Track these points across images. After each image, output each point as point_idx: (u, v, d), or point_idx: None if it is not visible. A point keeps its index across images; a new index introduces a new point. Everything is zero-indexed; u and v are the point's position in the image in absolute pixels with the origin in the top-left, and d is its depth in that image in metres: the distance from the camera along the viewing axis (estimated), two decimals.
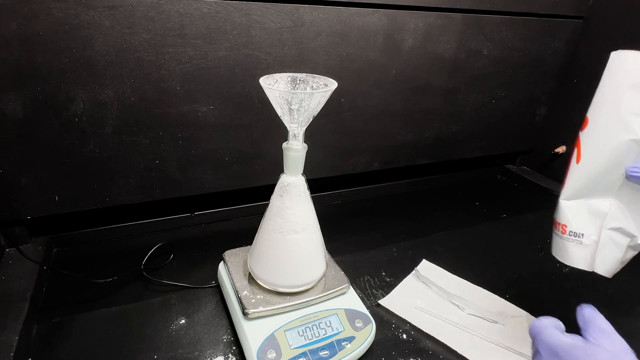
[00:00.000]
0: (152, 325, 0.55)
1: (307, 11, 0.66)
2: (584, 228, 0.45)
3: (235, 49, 0.64)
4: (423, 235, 0.80)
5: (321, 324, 0.52)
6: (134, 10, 0.56)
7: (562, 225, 0.46)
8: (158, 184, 0.69)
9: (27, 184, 0.60)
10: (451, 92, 0.87)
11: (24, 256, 0.59)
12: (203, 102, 0.66)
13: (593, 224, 0.45)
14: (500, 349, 0.54)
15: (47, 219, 0.65)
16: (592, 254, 0.45)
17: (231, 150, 0.72)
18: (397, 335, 0.56)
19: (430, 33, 0.78)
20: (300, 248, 0.52)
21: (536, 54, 0.92)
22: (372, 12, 0.71)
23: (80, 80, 0.57)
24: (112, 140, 0.63)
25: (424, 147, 0.91)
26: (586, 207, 0.45)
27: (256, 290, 0.54)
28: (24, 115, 0.56)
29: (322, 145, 0.79)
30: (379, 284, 0.66)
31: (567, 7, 0.89)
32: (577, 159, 0.44)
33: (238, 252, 0.60)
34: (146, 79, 0.61)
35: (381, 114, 0.82)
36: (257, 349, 0.47)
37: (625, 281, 0.69)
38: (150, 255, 0.66)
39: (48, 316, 0.56)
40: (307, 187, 0.52)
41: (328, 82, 0.47)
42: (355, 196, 0.93)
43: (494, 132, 0.98)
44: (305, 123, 0.47)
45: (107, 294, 0.60)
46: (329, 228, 0.57)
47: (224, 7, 0.61)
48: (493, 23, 0.83)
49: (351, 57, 0.73)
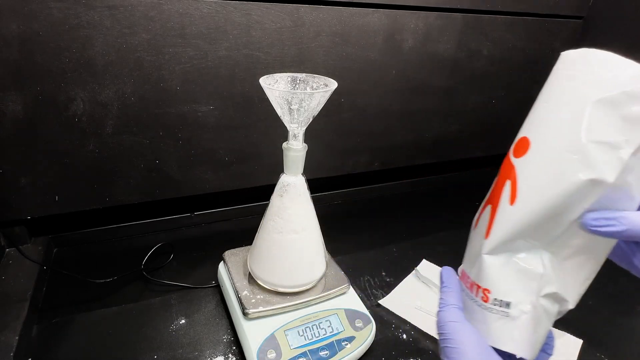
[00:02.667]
0: (152, 325, 0.55)
1: (307, 11, 0.66)
2: (511, 294, 0.31)
3: (235, 49, 0.64)
4: (423, 235, 0.80)
5: (321, 324, 0.52)
6: (134, 10, 0.56)
7: (484, 290, 0.32)
8: (158, 184, 0.69)
9: (27, 184, 0.60)
10: (451, 92, 0.87)
11: (24, 256, 0.59)
12: (203, 102, 0.66)
13: (522, 288, 0.31)
14: None
15: (47, 219, 0.65)
16: (523, 331, 0.31)
17: (231, 150, 0.72)
18: (397, 335, 0.56)
19: (430, 33, 0.78)
20: (300, 248, 0.52)
21: (536, 54, 0.92)
22: (372, 12, 0.71)
23: (80, 80, 0.57)
24: (112, 140, 0.63)
25: (424, 147, 0.91)
26: (513, 265, 0.31)
27: (256, 290, 0.54)
28: (24, 115, 0.56)
29: (322, 145, 0.79)
30: (379, 284, 0.66)
31: (567, 7, 0.89)
32: (511, 198, 0.30)
33: (238, 252, 0.60)
34: (146, 79, 0.61)
35: (381, 114, 0.82)
36: (257, 349, 0.47)
37: (625, 281, 0.69)
38: (150, 255, 0.66)
39: (48, 316, 0.56)
40: (307, 187, 0.52)
41: (328, 82, 0.47)
42: (355, 196, 0.93)
43: (494, 132, 0.98)
44: (305, 123, 0.47)
45: (107, 294, 0.60)
46: (329, 228, 0.57)
47: (224, 7, 0.61)
48: (493, 23, 0.83)
49: (351, 57, 0.73)
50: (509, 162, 0.32)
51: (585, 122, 0.28)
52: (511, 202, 0.31)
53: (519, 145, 0.31)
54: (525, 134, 0.31)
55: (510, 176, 0.31)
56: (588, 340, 0.56)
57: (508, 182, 0.31)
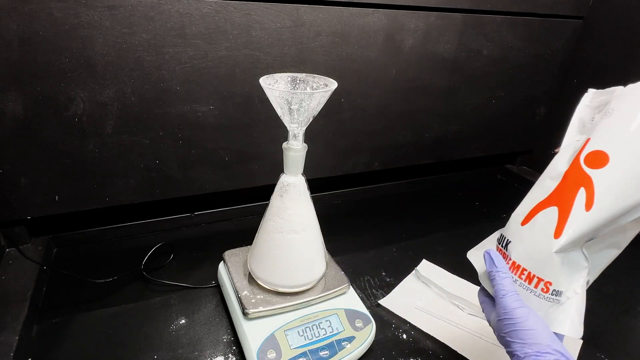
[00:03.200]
0: (152, 325, 0.55)
1: (307, 11, 0.66)
2: (565, 285, 0.37)
3: (235, 49, 0.64)
4: (423, 235, 0.80)
5: (321, 324, 0.52)
6: (134, 10, 0.56)
7: (546, 283, 0.37)
8: (158, 184, 0.69)
9: (27, 184, 0.60)
10: (451, 92, 0.87)
11: (24, 256, 0.59)
12: (203, 102, 0.66)
13: (573, 279, 0.37)
14: (500, 349, 0.54)
15: (47, 219, 0.65)
16: (573, 314, 0.37)
17: (231, 150, 0.72)
18: (397, 335, 0.56)
19: (430, 33, 0.78)
20: (300, 248, 0.52)
21: (536, 54, 0.92)
22: (372, 12, 0.71)
23: (80, 80, 0.57)
24: (112, 140, 0.63)
25: (424, 147, 0.91)
26: (569, 260, 0.37)
27: (256, 290, 0.54)
28: (24, 115, 0.56)
29: (322, 145, 0.79)
30: (379, 284, 0.66)
31: (567, 7, 0.89)
32: (588, 205, 0.35)
33: (238, 252, 0.60)
34: (146, 79, 0.61)
35: (381, 114, 0.82)
36: (257, 349, 0.47)
37: (625, 281, 0.69)
38: (150, 255, 0.66)
39: (48, 316, 0.56)
40: (307, 187, 0.52)
41: (328, 82, 0.47)
42: (355, 196, 0.93)
43: (494, 132, 0.98)
44: (305, 123, 0.47)
45: (107, 294, 0.60)
46: (329, 228, 0.57)
47: (224, 7, 0.61)
48: (493, 23, 0.83)
49: (351, 57, 0.73)
50: (582, 171, 0.36)
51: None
52: (587, 208, 0.35)
53: (594, 157, 0.36)
54: (601, 147, 0.36)
55: (585, 184, 0.36)
56: (588, 340, 0.56)
57: (582, 190, 0.36)
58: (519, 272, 0.39)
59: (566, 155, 0.40)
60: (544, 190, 0.39)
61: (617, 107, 0.37)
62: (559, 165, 0.40)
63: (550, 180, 0.40)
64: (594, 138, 0.37)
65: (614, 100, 0.38)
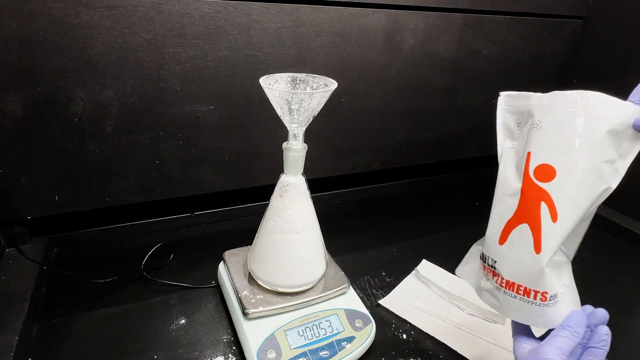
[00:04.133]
0: (152, 325, 0.55)
1: (307, 11, 0.66)
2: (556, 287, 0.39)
3: (235, 49, 0.64)
4: (423, 235, 0.80)
5: (321, 324, 0.52)
6: (134, 10, 0.56)
7: (542, 294, 0.38)
8: (158, 184, 0.69)
9: (27, 184, 0.60)
10: (451, 92, 0.87)
11: (24, 256, 0.59)
12: (203, 102, 0.66)
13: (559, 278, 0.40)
14: (500, 349, 0.54)
15: (47, 219, 0.65)
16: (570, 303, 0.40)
17: (231, 150, 0.72)
18: (397, 335, 0.56)
19: (430, 33, 0.78)
20: (300, 248, 0.52)
21: (536, 54, 0.92)
22: (372, 12, 0.71)
23: (80, 80, 0.57)
24: (112, 140, 0.63)
25: (424, 147, 0.91)
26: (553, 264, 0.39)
27: (256, 290, 0.54)
28: (24, 115, 0.56)
29: (322, 145, 0.79)
30: (379, 284, 0.66)
31: (567, 7, 0.89)
32: (553, 217, 0.37)
33: (238, 252, 0.60)
34: (146, 79, 0.61)
35: (381, 114, 0.82)
36: (257, 349, 0.47)
37: (625, 281, 0.69)
38: (150, 255, 0.66)
39: (48, 316, 0.56)
40: (307, 187, 0.52)
41: (328, 82, 0.47)
42: (355, 196, 0.93)
43: (494, 132, 0.98)
44: (305, 123, 0.47)
45: (107, 294, 0.60)
46: (329, 228, 0.57)
47: (224, 7, 0.61)
48: (493, 23, 0.83)
49: (351, 57, 0.73)
50: (536, 186, 0.38)
51: (599, 148, 0.36)
52: (553, 220, 0.37)
53: (542, 171, 0.38)
54: (546, 161, 0.38)
55: (544, 198, 0.38)
56: None
57: (543, 204, 0.38)
58: (515, 289, 0.40)
59: (510, 166, 0.42)
60: (508, 208, 0.40)
61: (545, 120, 0.39)
62: (512, 181, 0.41)
63: (510, 197, 0.40)
64: (534, 152, 0.39)
65: (537, 112, 0.40)
